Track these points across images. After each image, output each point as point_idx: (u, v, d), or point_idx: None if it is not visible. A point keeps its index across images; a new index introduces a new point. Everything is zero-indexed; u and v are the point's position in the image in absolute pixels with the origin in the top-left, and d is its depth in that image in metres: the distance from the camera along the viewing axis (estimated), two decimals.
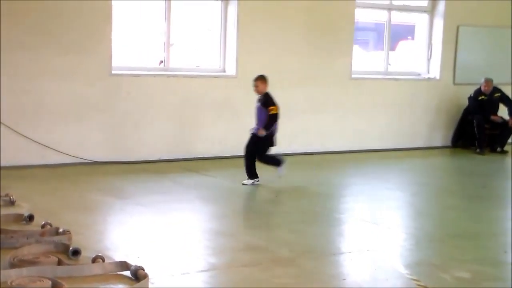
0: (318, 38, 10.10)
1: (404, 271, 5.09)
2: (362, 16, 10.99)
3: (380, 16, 11.07)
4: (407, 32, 11.92)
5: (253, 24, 9.58)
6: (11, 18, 8.00)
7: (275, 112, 7.68)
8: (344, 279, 4.92)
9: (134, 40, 9.69)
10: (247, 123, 9.68)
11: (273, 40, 9.77)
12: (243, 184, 7.67)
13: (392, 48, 11.47)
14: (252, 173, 7.74)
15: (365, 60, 11.62)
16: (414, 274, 4.98)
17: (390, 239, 6.07)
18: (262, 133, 7.59)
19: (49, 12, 8.22)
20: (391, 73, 11.13)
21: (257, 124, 7.77)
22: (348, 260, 5.43)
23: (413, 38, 11.67)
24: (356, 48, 10.86)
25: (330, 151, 10.32)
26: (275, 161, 7.88)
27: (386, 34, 11.03)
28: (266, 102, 7.69)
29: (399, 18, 11.37)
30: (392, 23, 11.03)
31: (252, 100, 9.70)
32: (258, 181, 7.74)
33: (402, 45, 12.37)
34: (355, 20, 10.49)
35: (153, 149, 9.07)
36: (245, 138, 9.69)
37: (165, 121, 9.16)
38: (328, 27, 10.17)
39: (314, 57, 10.13)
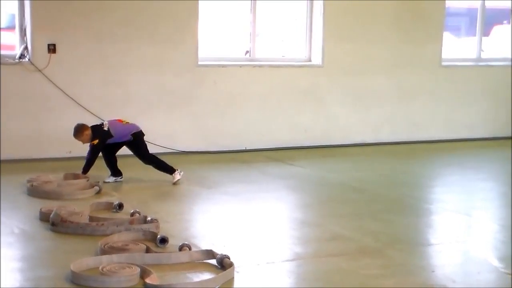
0: (407, 25, 9.84)
1: (497, 264, 4.89)
2: (454, 1, 10.59)
3: (473, 1, 10.64)
4: (502, 16, 11.40)
5: (340, 13, 9.43)
6: (103, 11, 8.23)
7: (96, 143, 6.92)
8: (433, 271, 4.78)
9: (220, 30, 9.76)
10: (333, 112, 9.62)
11: (360, 28, 9.59)
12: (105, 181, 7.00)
13: (485, 33, 11.01)
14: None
15: (457, 46, 11.21)
16: (508, 268, 4.77)
17: (483, 231, 5.86)
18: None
19: (138, 5, 8.39)
20: (484, 60, 10.70)
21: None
22: (438, 251, 5.28)
23: (509, 23, 11.16)
24: (446, 35, 10.50)
25: (419, 141, 10.06)
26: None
27: (479, 19, 10.61)
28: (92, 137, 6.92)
29: (493, 2, 10.89)
30: (486, 7, 10.58)
31: (339, 89, 9.64)
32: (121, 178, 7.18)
33: (496, 30, 11.85)
34: (446, 6, 10.15)
35: (239, 138, 9.12)
36: (331, 127, 9.66)
37: (251, 111, 9.19)
38: (417, 14, 9.88)
39: (403, 45, 9.88)
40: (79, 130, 6.87)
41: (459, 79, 10.35)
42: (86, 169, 6.96)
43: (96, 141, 6.89)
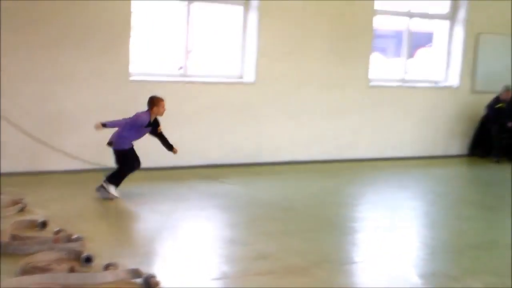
0: (337, 45, 10.07)
1: (418, 281, 5.05)
2: (382, 23, 10.95)
3: (400, 23, 11.01)
4: (426, 39, 11.84)
5: (273, 31, 9.57)
6: (35, 22, 8.07)
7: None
8: None
9: (154, 46, 9.74)
10: (264, 129, 9.72)
11: (292, 47, 9.75)
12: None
13: (411, 55, 11.39)
14: None
15: (385, 67, 11.55)
16: (428, 284, 4.95)
17: (405, 249, 6.03)
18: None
19: (70, 18, 8.28)
20: (409, 81, 11.06)
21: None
22: (361, 269, 5.40)
23: (432, 46, 11.59)
24: (375, 55, 10.79)
25: (348, 159, 10.28)
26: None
27: (405, 41, 10.97)
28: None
29: (418, 25, 11.29)
30: (411, 30, 10.96)
31: (271, 106, 9.75)
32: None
33: (421, 52, 12.29)
34: (375, 28, 10.44)
35: (170, 155, 9.05)
36: (263, 144, 9.75)
37: (184, 127, 9.18)
38: (348, 34, 10.12)
39: (333, 64, 10.09)
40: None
41: (385, 99, 10.63)
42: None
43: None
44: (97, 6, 8.42)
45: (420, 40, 11.96)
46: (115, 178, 7.20)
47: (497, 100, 10.94)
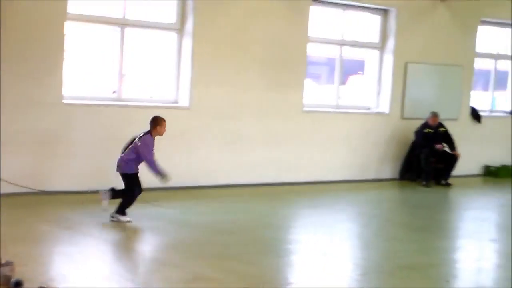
0: (272, 72, 10.23)
1: None
2: (315, 51, 11.19)
3: (332, 51, 11.29)
4: (357, 67, 12.18)
5: (208, 57, 9.65)
6: None
7: None
8: None
9: (88, 69, 9.65)
10: (201, 154, 9.74)
11: (227, 73, 9.85)
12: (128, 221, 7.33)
13: (343, 82, 11.68)
14: None
15: (318, 93, 11.80)
16: None
17: (338, 270, 6.13)
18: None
19: (1, 39, 8.14)
20: (341, 107, 11.31)
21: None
22: None
23: (363, 73, 11.92)
24: (309, 82, 11.01)
25: (283, 182, 10.38)
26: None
27: (337, 69, 11.25)
28: None
29: (350, 53, 11.61)
30: (343, 58, 11.25)
31: (207, 131, 9.79)
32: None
33: (352, 79, 12.62)
34: (308, 55, 10.66)
35: (104, 179, 8.94)
36: (199, 168, 9.74)
37: (117, 151, 9.06)
38: (282, 61, 10.30)
39: (268, 90, 10.24)
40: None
41: (319, 124, 10.85)
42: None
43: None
44: (30, 28, 8.32)
45: (352, 68, 12.29)
46: (122, 208, 7.32)
47: (425, 125, 11.34)
